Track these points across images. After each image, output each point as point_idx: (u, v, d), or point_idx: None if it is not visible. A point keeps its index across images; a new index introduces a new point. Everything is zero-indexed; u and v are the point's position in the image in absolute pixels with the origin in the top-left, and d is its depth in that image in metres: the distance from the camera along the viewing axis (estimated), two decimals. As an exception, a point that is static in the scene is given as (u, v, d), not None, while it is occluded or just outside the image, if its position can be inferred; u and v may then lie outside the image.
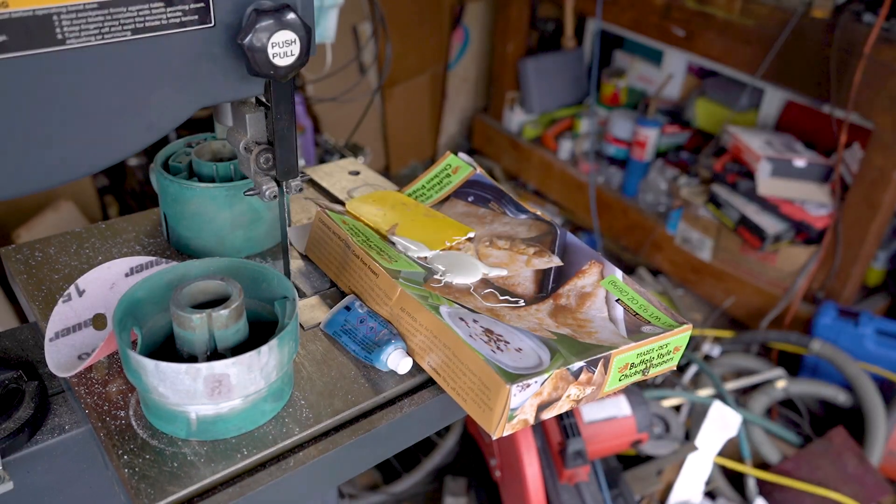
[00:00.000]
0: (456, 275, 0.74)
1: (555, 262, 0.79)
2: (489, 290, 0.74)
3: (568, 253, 0.80)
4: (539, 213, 0.86)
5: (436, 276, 0.74)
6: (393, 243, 0.78)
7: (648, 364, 0.68)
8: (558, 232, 0.82)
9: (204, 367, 0.55)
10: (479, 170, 0.90)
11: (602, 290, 0.75)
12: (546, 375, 0.59)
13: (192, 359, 0.59)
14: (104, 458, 0.61)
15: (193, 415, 0.58)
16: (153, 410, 0.60)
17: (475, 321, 0.66)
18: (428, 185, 0.89)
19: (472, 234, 0.81)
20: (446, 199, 0.87)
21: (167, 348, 0.63)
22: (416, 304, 0.66)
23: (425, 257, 0.77)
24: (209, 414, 0.59)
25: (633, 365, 0.66)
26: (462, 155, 0.92)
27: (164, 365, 0.55)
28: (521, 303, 0.72)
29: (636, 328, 0.70)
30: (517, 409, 0.59)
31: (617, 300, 0.74)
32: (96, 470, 0.64)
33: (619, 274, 0.76)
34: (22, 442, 0.61)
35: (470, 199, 0.88)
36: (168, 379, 0.55)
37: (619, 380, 0.66)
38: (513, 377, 0.58)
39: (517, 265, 0.78)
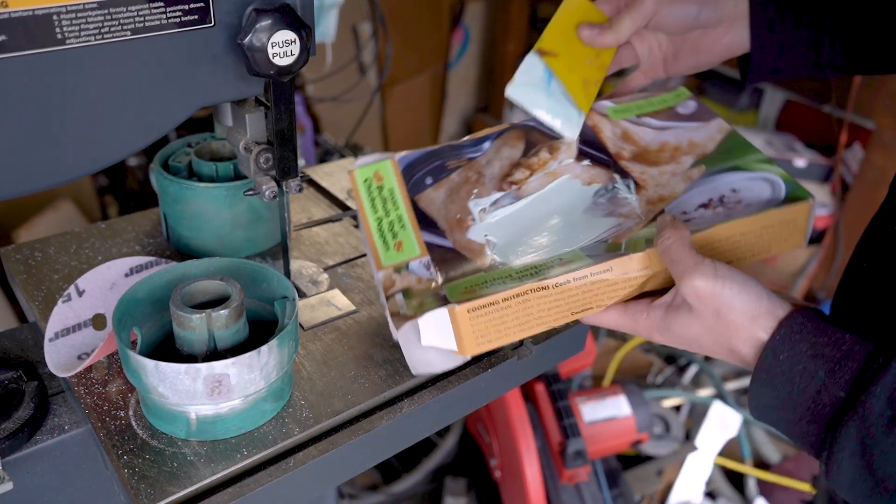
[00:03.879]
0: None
1: (571, 140, 0.73)
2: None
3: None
4: (491, 129, 0.75)
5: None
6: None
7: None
8: (532, 123, 0.75)
9: (204, 368, 0.55)
10: (398, 153, 0.72)
11: (620, 120, 0.76)
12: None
13: (192, 359, 0.59)
14: (104, 458, 0.61)
15: (193, 415, 0.58)
16: (153, 410, 0.60)
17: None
18: (383, 215, 0.70)
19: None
20: (413, 203, 0.70)
21: (167, 348, 0.63)
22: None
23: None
24: (209, 414, 0.59)
25: None
26: (363, 159, 0.72)
27: (163, 365, 0.55)
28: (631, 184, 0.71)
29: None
30: None
31: (639, 115, 0.76)
32: (96, 470, 0.64)
33: (606, 103, 0.77)
34: (21, 442, 0.61)
35: (429, 182, 0.71)
36: (168, 379, 0.55)
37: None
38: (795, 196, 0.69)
39: (557, 172, 0.71)
